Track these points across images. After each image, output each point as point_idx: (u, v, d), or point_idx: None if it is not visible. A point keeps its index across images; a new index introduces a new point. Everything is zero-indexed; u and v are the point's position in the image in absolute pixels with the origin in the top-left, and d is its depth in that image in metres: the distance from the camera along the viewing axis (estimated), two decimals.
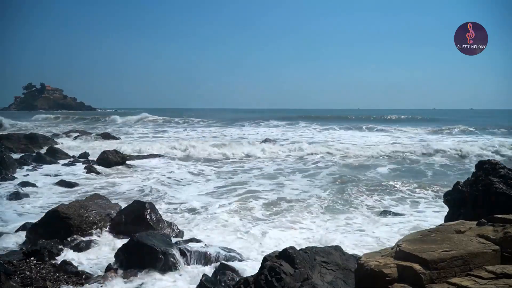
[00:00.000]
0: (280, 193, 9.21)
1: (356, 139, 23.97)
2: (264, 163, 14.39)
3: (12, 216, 6.99)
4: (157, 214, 6.05)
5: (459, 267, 2.39)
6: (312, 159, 15.04)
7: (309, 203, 8.10)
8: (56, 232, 5.54)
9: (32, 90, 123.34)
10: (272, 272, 3.49)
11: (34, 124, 38.54)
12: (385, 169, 12.82)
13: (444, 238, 2.73)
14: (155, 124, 39.78)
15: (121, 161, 13.33)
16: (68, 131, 27.06)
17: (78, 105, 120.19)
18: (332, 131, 30.23)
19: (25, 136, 19.06)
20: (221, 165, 14.02)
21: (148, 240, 4.89)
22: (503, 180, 4.95)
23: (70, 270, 4.58)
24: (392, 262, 2.54)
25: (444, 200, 5.86)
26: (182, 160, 14.86)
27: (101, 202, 6.41)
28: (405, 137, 24.94)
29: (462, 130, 29.18)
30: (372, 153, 16.02)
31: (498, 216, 2.99)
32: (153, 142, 20.81)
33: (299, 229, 6.52)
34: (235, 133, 28.76)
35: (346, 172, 12.01)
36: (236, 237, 6.08)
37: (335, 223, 6.93)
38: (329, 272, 3.78)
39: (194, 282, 4.29)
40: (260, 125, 38.81)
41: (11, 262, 4.73)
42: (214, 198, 8.87)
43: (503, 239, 2.59)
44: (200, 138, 24.87)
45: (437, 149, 16.16)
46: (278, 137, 24.83)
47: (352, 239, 6.03)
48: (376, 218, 7.26)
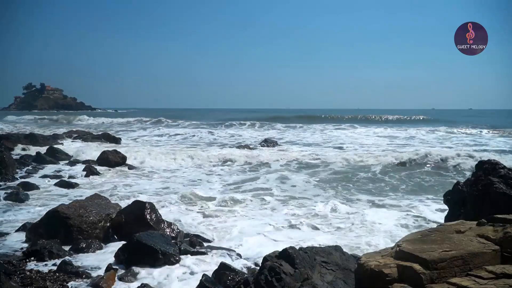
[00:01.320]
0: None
1: (320, 138, 23.77)
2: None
3: (12, 216, 6.99)
4: (157, 214, 6.04)
5: (459, 267, 2.39)
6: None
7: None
8: (56, 232, 5.54)
9: (32, 90, 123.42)
10: (272, 272, 3.49)
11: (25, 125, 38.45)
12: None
13: (444, 238, 2.73)
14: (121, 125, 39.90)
15: (121, 161, 13.34)
16: (69, 131, 27.08)
17: (78, 105, 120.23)
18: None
19: (25, 136, 19.08)
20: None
21: (148, 240, 4.89)
22: (503, 180, 4.94)
23: (70, 270, 4.57)
24: (392, 262, 2.54)
25: (444, 200, 5.87)
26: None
27: (101, 202, 6.40)
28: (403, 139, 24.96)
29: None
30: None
31: (498, 216, 3.00)
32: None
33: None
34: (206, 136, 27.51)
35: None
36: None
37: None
38: (329, 272, 3.78)
39: (194, 282, 4.29)
40: (233, 126, 37.64)
41: (11, 262, 4.73)
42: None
43: (503, 239, 2.59)
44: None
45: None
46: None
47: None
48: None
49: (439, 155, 13.91)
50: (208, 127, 36.49)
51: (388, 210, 7.83)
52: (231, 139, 24.80)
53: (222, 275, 4.28)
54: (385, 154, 15.11)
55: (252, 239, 5.99)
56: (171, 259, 4.83)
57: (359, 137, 25.69)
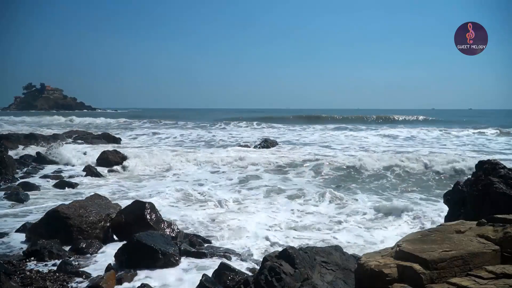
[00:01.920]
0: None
1: (320, 138, 23.79)
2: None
3: (12, 216, 6.99)
4: (157, 214, 6.04)
5: (459, 267, 2.39)
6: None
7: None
8: (56, 232, 5.53)
9: (32, 90, 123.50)
10: (272, 272, 3.49)
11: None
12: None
13: (444, 238, 2.73)
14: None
15: (121, 161, 13.34)
16: (69, 131, 27.06)
17: (78, 105, 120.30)
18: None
19: (25, 136, 19.08)
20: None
21: (148, 240, 4.89)
22: (503, 180, 4.94)
23: (70, 270, 4.57)
24: (392, 262, 2.54)
25: (444, 200, 5.87)
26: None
27: (101, 202, 6.39)
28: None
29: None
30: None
31: (498, 216, 2.99)
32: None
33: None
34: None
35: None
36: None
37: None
38: (329, 272, 3.78)
39: (194, 282, 4.29)
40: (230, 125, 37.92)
41: (11, 262, 4.72)
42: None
43: (503, 239, 2.59)
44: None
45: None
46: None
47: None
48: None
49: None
50: (208, 126, 36.52)
51: (388, 210, 7.82)
52: (232, 139, 24.75)
53: (222, 275, 4.28)
54: (389, 157, 15.00)
55: (252, 239, 5.99)
56: (171, 259, 4.82)
57: (359, 137, 25.66)
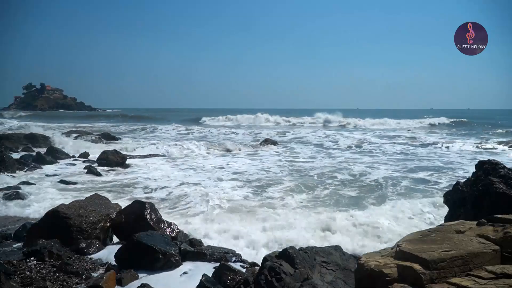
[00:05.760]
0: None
1: (320, 138, 23.80)
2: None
3: (12, 216, 6.99)
4: (157, 214, 6.04)
5: (459, 267, 2.39)
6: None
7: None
8: (56, 232, 5.53)
9: (32, 90, 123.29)
10: (272, 272, 3.49)
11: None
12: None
13: (444, 238, 2.73)
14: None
15: (121, 161, 13.35)
16: (69, 131, 27.06)
17: (78, 105, 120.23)
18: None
19: (25, 136, 19.08)
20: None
21: (148, 240, 4.89)
22: (503, 180, 4.95)
23: (70, 270, 4.57)
24: (392, 262, 2.54)
25: (444, 200, 5.86)
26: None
27: (101, 202, 6.38)
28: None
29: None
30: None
31: (498, 216, 2.99)
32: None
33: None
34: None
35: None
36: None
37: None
38: (329, 272, 3.78)
39: (194, 282, 4.28)
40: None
41: (11, 262, 4.72)
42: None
43: (503, 239, 2.59)
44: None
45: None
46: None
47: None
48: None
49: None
50: (208, 126, 36.53)
51: (388, 209, 7.82)
52: (231, 139, 24.77)
53: (222, 275, 4.27)
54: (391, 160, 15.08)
55: (252, 238, 5.99)
56: (171, 259, 4.82)
57: (359, 137, 25.67)
